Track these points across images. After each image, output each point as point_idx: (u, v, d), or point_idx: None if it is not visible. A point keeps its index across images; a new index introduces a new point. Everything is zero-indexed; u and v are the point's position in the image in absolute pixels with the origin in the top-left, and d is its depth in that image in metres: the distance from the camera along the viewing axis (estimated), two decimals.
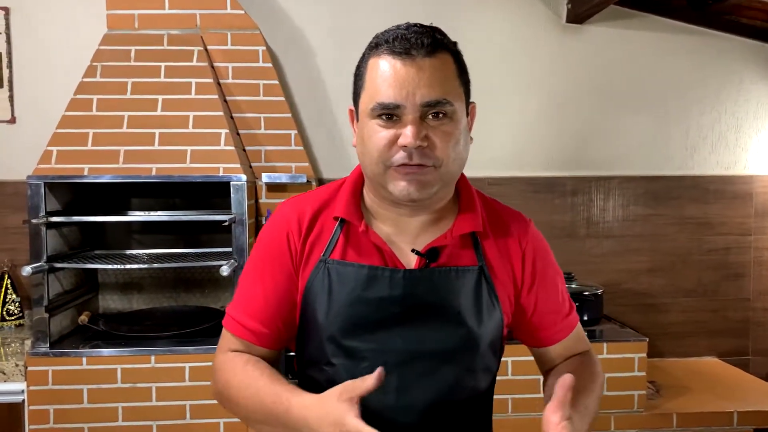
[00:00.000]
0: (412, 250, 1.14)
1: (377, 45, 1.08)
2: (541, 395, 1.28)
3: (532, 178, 3.11)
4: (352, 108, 1.16)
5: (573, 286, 2.71)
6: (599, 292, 2.71)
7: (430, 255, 1.13)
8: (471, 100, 1.17)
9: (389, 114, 1.05)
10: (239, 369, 1.13)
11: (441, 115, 1.06)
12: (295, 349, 1.23)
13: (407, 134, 1.03)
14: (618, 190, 3.15)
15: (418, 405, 1.12)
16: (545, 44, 3.09)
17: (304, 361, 1.20)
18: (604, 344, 2.48)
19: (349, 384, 0.97)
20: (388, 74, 1.05)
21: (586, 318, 2.66)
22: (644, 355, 2.49)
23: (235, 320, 1.18)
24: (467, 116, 1.15)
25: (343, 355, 1.12)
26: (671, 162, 3.18)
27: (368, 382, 0.95)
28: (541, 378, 1.32)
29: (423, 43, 1.05)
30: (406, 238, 1.16)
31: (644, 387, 2.51)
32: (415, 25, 1.09)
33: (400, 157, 1.05)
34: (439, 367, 1.12)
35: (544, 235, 1.29)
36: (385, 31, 1.09)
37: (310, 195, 1.22)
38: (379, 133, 1.06)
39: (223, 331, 1.20)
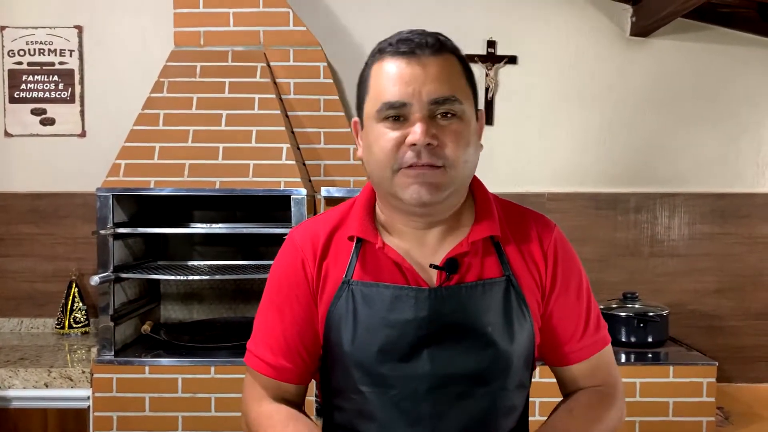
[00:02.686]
0: (431, 266, 1.08)
1: (380, 50, 1.06)
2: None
3: (594, 193, 3.04)
4: (357, 119, 1.13)
5: (636, 306, 2.62)
6: (664, 313, 2.62)
7: (449, 266, 1.08)
8: (478, 108, 1.12)
9: (396, 115, 1.02)
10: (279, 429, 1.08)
11: (450, 115, 1.02)
12: (320, 376, 1.17)
13: (416, 131, 0.99)
14: (684, 207, 3.05)
15: None
16: (609, 58, 3.04)
17: (330, 389, 1.14)
18: (671, 367, 2.39)
19: None
20: (392, 73, 1.02)
21: (650, 340, 2.57)
22: (713, 379, 2.39)
23: (257, 357, 1.14)
24: (476, 120, 1.09)
25: (371, 383, 1.07)
26: (741, 179, 3.06)
27: None
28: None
29: (427, 43, 1.03)
30: (424, 253, 1.10)
31: (713, 414, 2.40)
32: (417, 29, 1.07)
33: (408, 157, 1.01)
34: (472, 390, 1.07)
35: (606, 253, 1.24)
36: (388, 38, 1.07)
37: (321, 218, 1.18)
38: (386, 135, 1.02)
39: (247, 369, 1.16)
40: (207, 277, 2.53)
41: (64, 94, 2.99)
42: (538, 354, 1.17)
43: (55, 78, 2.99)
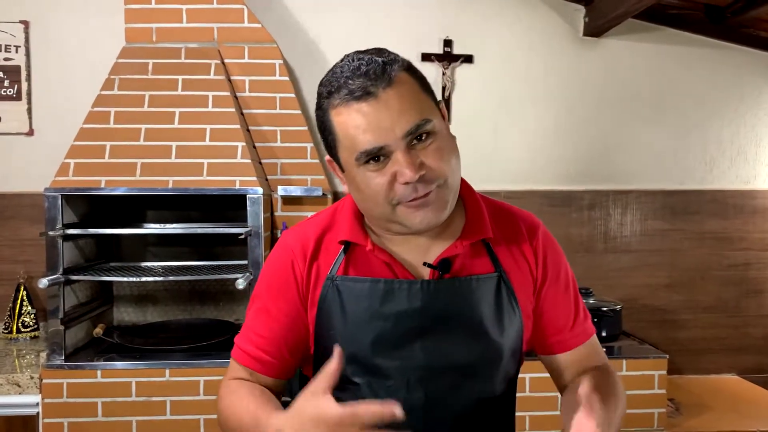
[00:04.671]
0: (424, 263, 1.11)
1: (330, 94, 1.02)
2: (557, 412, 1.25)
3: (549, 191, 3.08)
4: (331, 159, 1.10)
5: (591, 301, 2.67)
6: (618, 307, 2.67)
7: (442, 266, 1.10)
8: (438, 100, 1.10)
9: (376, 156, 1.00)
10: (236, 394, 1.12)
11: (425, 136, 1.01)
12: (312, 372, 1.19)
13: (405, 172, 0.98)
14: (636, 204, 3.12)
15: (445, 421, 1.10)
16: (562, 57, 3.08)
17: None
18: (624, 361, 2.44)
19: (317, 379, 0.92)
20: (358, 121, 0.99)
21: (604, 334, 2.62)
22: (664, 372, 2.45)
23: (241, 350, 1.17)
24: (442, 118, 1.08)
25: (365, 373, 1.10)
26: (690, 176, 3.14)
27: (334, 363, 0.91)
28: (558, 395, 1.28)
29: (377, 74, 0.99)
30: (416, 253, 1.13)
31: (664, 405, 2.46)
32: (358, 57, 1.02)
33: (406, 193, 1.01)
34: (464, 380, 1.10)
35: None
36: (332, 74, 1.03)
37: (312, 221, 1.19)
38: (375, 180, 1.01)
39: (231, 361, 1.20)
40: (161, 279, 2.49)
41: (10, 91, 2.89)
42: (527, 347, 1.21)
43: (0, 75, 2.89)
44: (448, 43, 3.02)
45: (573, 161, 3.10)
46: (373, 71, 0.99)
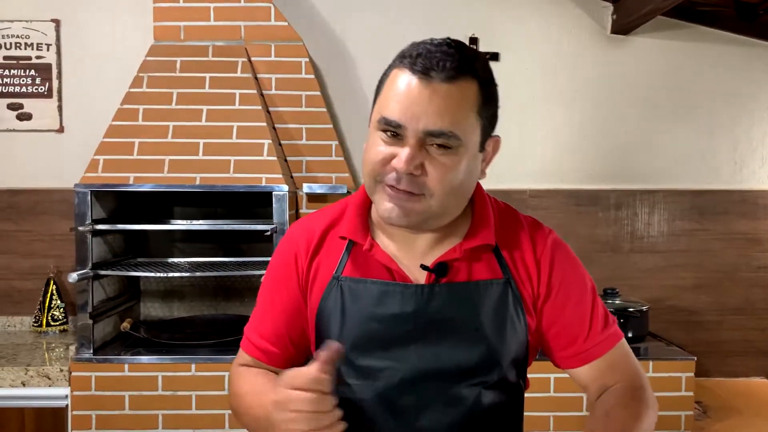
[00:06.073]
0: (421, 266, 1.09)
1: (402, 56, 1.02)
2: (583, 413, 1.19)
3: (575, 190, 3.06)
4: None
5: (617, 302, 2.64)
6: (644, 308, 2.64)
7: (439, 270, 1.08)
8: (495, 134, 1.08)
9: (393, 131, 1.00)
10: (246, 378, 1.16)
11: (444, 147, 0.99)
12: None
13: (400, 158, 0.98)
14: (663, 203, 3.08)
15: (438, 426, 1.07)
16: (589, 55, 3.05)
17: None
18: (650, 362, 2.42)
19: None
20: (400, 90, 0.99)
21: (630, 335, 2.59)
22: (692, 374, 2.42)
23: (248, 339, 1.20)
24: (483, 151, 1.06)
25: (357, 375, 1.09)
26: (719, 176, 3.10)
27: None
28: (584, 395, 1.25)
29: (446, 65, 0.97)
30: (414, 255, 1.11)
31: (691, 408, 2.43)
32: (448, 42, 1.01)
33: (390, 177, 1.00)
34: (457, 385, 1.07)
35: (586, 250, 1.21)
36: (417, 43, 1.03)
37: (319, 214, 1.19)
38: (379, 147, 1.02)
39: (239, 350, 1.23)
40: (187, 274, 2.51)
41: (41, 89, 2.94)
42: (533, 358, 1.17)
43: (32, 72, 2.94)
44: (473, 40, 3.01)
45: (600, 160, 3.07)
46: (446, 61, 0.98)
